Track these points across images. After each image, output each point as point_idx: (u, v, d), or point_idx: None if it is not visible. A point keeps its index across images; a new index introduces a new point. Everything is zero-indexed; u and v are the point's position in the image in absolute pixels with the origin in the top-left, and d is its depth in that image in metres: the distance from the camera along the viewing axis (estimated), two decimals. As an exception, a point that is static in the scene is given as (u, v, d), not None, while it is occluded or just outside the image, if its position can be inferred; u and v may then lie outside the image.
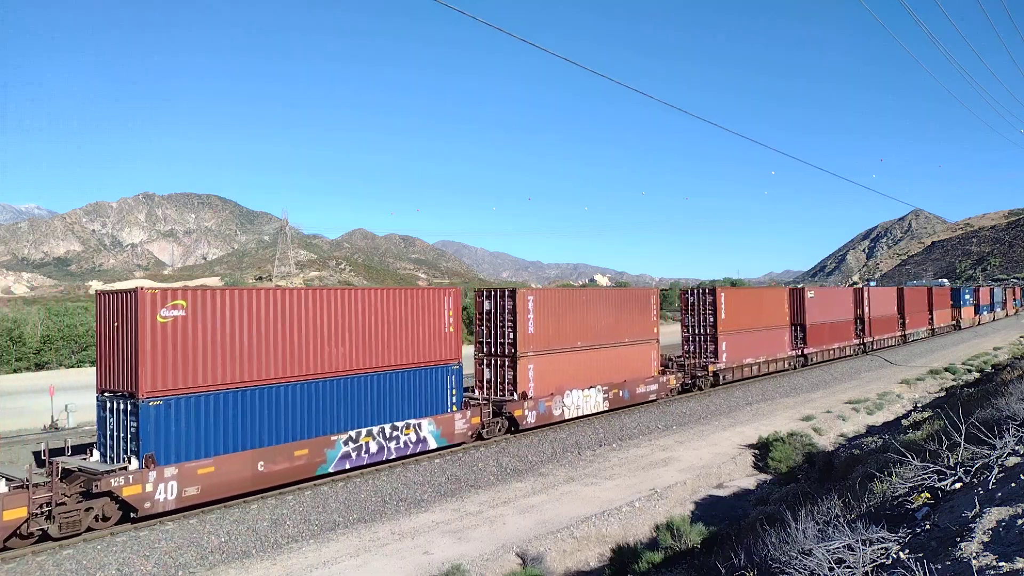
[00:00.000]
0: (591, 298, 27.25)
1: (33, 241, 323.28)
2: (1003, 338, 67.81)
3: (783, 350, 40.22)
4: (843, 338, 48.01)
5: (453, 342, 21.67)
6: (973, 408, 15.10)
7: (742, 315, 35.90)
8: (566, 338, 25.37)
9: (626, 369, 28.35)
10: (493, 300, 24.31)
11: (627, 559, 14.49)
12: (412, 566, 14.53)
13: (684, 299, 35.50)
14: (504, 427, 23.49)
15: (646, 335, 29.74)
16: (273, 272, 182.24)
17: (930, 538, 6.93)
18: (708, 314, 34.48)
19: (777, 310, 39.72)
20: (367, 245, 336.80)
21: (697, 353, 34.36)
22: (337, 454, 18.17)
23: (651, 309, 30.16)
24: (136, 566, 13.83)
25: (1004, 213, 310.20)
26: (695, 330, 34.85)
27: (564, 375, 25.19)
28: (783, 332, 40.19)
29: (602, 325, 27.15)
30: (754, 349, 37.06)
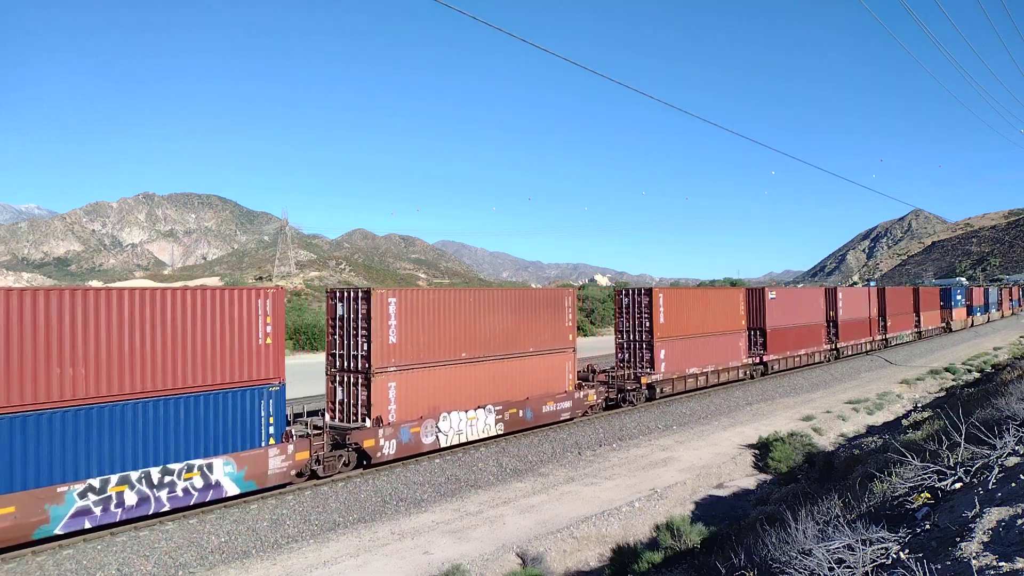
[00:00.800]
0: (482, 300, 22.89)
1: (33, 241, 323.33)
2: (1003, 338, 67.82)
3: (737, 358, 35.92)
4: (811, 343, 43.59)
5: (272, 356, 17.11)
6: (973, 408, 15.10)
7: (685, 319, 31.91)
8: (444, 349, 21.12)
9: (530, 385, 24.19)
10: (346, 303, 20.08)
11: (627, 559, 14.50)
12: (412, 566, 14.53)
13: (618, 301, 31.47)
14: (352, 461, 19.30)
15: (559, 343, 25.49)
16: (273, 272, 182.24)
17: (930, 538, 6.93)
18: (644, 318, 30.17)
19: (731, 313, 35.53)
20: (367, 245, 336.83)
21: (632, 362, 30.41)
22: (68, 511, 13.61)
23: (566, 312, 25.89)
24: (136, 566, 13.84)
25: (1004, 213, 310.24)
26: (629, 336, 30.70)
27: (440, 394, 21.03)
28: (738, 337, 35.91)
29: (497, 332, 22.96)
30: (700, 357, 32.81)
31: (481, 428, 22.18)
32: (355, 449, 19.03)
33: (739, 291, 37.33)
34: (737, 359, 35.97)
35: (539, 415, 24.37)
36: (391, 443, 19.51)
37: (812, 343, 43.68)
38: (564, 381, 25.85)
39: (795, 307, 41.90)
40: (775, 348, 39.22)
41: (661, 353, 30.29)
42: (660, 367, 30.22)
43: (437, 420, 20.85)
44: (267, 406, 17.01)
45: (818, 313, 44.72)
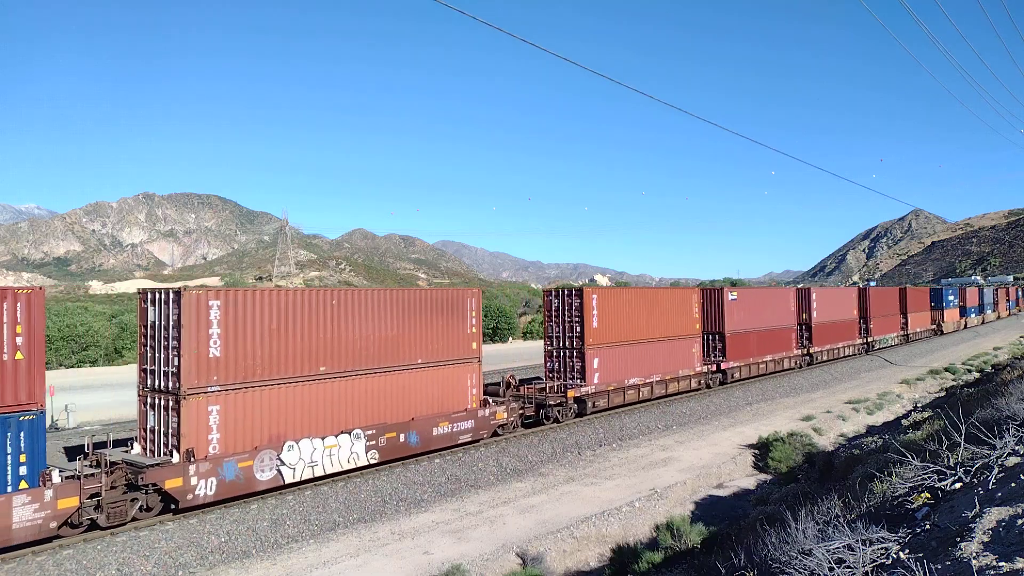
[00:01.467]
0: (351, 303, 19.06)
1: (33, 241, 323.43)
2: (1003, 338, 67.83)
3: (690, 365, 32.38)
4: (779, 348, 39.89)
5: (25, 376, 13.99)
6: (973, 408, 15.10)
7: (625, 322, 28.56)
8: (294, 363, 17.58)
9: (419, 403, 20.77)
10: (158, 306, 16.43)
11: (627, 559, 14.50)
12: (412, 566, 14.53)
13: (547, 302, 28.03)
14: (154, 505, 15.66)
15: (459, 353, 21.98)
16: (273, 272, 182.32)
17: (930, 538, 6.93)
18: (574, 322, 26.78)
19: (682, 316, 32.06)
20: (367, 245, 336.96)
21: (561, 372, 27.06)
22: None
23: (468, 317, 22.45)
24: (136, 566, 13.84)
25: (1004, 213, 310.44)
26: (559, 343, 27.14)
27: (287, 419, 17.38)
28: (690, 343, 32.41)
29: (374, 342, 19.52)
30: (643, 366, 29.40)
31: (346, 458, 18.53)
32: (156, 491, 15.39)
33: (692, 291, 33.88)
34: (689, 367, 32.26)
35: (428, 439, 20.73)
36: (209, 482, 15.72)
37: (780, 348, 39.89)
38: (465, 397, 22.28)
39: (760, 309, 38.26)
40: (736, 354, 35.55)
41: (594, 362, 26.79)
42: (593, 378, 26.74)
43: (280, 451, 17.05)
44: (16, 440, 13.63)
45: (788, 315, 41.09)
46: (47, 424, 25.78)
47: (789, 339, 41.08)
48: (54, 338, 54.65)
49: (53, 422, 25.86)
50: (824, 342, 45.05)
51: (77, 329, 56.02)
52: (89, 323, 58.09)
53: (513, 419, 24.08)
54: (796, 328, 41.98)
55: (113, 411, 29.92)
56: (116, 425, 25.32)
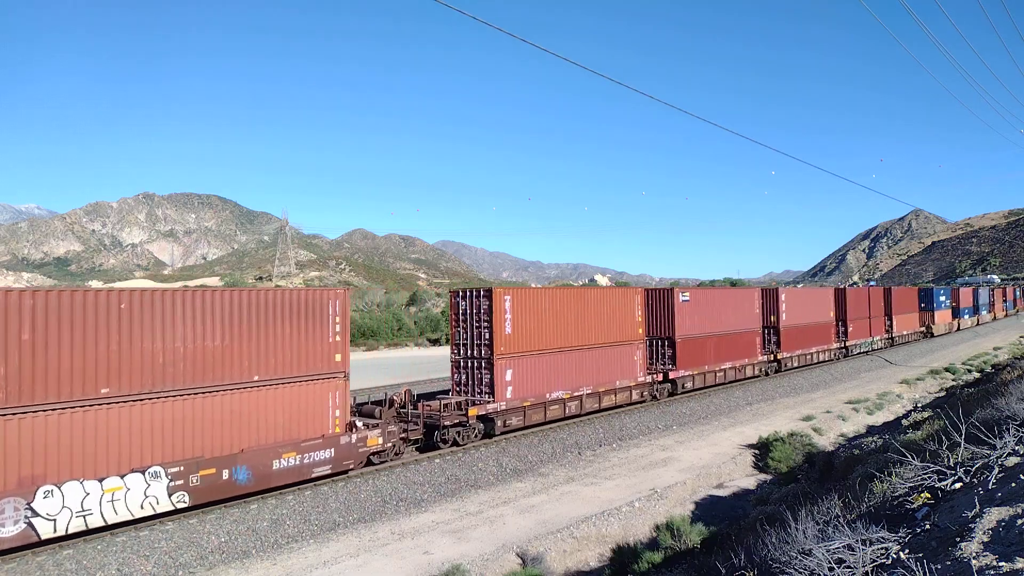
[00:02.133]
0: (147, 306, 15.20)
1: (33, 241, 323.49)
2: (1003, 338, 67.84)
3: (631, 375, 28.55)
4: (741, 355, 36.20)
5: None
6: (973, 408, 15.10)
7: (548, 327, 24.78)
8: (57, 384, 13.73)
9: (256, 429, 16.83)
10: None
11: (627, 559, 14.50)
12: (412, 566, 14.54)
13: (453, 305, 24.25)
14: None
15: (316, 367, 18.04)
16: (273, 272, 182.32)
17: (930, 538, 6.93)
18: (483, 328, 23.11)
19: (623, 320, 28.30)
20: (367, 245, 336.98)
21: (469, 386, 23.54)
22: None
23: (329, 323, 18.43)
24: (136, 566, 13.84)
25: (1004, 213, 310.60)
26: (467, 352, 23.64)
27: (47, 456, 13.53)
28: (632, 350, 28.68)
29: (187, 356, 15.69)
30: (569, 378, 25.64)
31: (138, 503, 14.54)
32: None
33: (635, 292, 29.80)
34: (630, 377, 28.57)
35: (266, 475, 16.72)
36: None
37: (742, 354, 36.26)
38: (324, 421, 18.26)
39: (718, 311, 34.72)
40: (687, 361, 31.99)
41: (506, 374, 23.13)
42: (504, 393, 23.03)
43: (31, 498, 13.18)
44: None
45: (751, 318, 37.26)
46: None
47: (753, 344, 37.15)
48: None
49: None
50: (794, 347, 41.43)
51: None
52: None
53: (393, 444, 20.21)
54: (761, 332, 38.15)
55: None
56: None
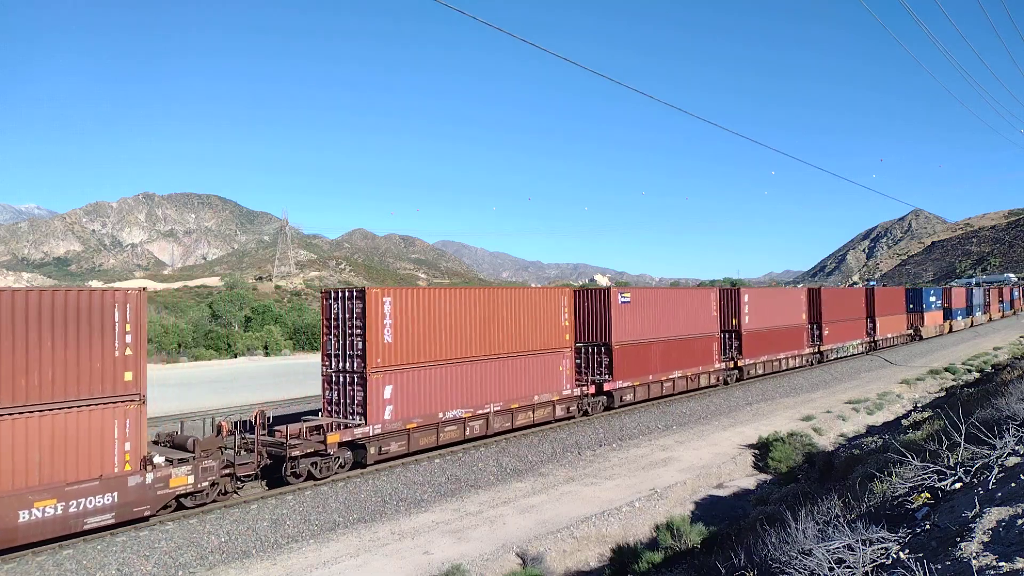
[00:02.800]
0: None
1: (33, 241, 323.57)
2: (1003, 338, 67.85)
3: (553, 388, 24.89)
4: (695, 362, 32.62)
5: None
6: (973, 408, 15.10)
7: (442, 334, 20.98)
8: None
9: None
10: None
11: (627, 559, 14.50)
12: (412, 566, 14.53)
13: (325, 307, 20.56)
14: None
15: (93, 390, 14.21)
16: (273, 272, 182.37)
17: (930, 538, 6.93)
18: (356, 336, 19.38)
19: (543, 324, 24.64)
20: (367, 245, 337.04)
21: (341, 405, 19.71)
22: None
23: (111, 334, 14.60)
24: (136, 566, 13.84)
25: (1004, 213, 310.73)
26: (338, 364, 19.84)
27: None
28: (556, 360, 25.01)
29: None
30: (472, 393, 21.86)
31: None
32: None
33: (561, 292, 26.19)
34: (554, 389, 24.95)
35: (7, 530, 12.85)
36: None
37: (696, 362, 32.71)
38: (107, 457, 14.37)
39: (667, 314, 31.09)
40: (627, 371, 28.32)
41: (384, 391, 19.37)
42: (380, 413, 19.22)
43: None
44: None
45: (708, 322, 33.75)
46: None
47: (709, 350, 33.73)
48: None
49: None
50: (759, 353, 37.87)
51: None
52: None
53: (213, 483, 16.37)
54: (719, 337, 34.66)
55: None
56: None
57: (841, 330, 47.52)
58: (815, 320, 44.60)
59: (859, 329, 50.98)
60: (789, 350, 41.20)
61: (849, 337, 49.05)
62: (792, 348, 41.50)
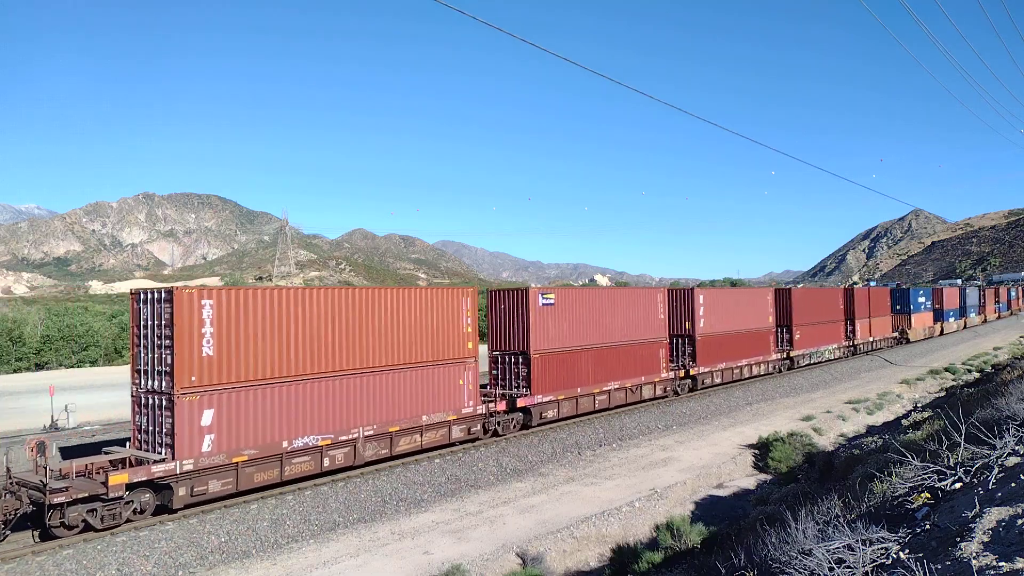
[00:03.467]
0: None
1: (33, 241, 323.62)
2: (1003, 338, 67.85)
3: (451, 407, 21.48)
4: (638, 371, 29.01)
5: None
6: (973, 408, 15.10)
7: (289, 345, 17.36)
8: None
9: None
10: None
11: (627, 559, 14.50)
12: (412, 566, 14.54)
13: (135, 312, 16.69)
14: None
15: None
16: (273, 272, 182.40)
17: (930, 538, 6.94)
18: (165, 348, 15.72)
19: (438, 330, 21.19)
20: (367, 245, 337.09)
21: (150, 433, 16.14)
22: None
23: None
24: (136, 566, 13.84)
25: (1004, 213, 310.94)
26: (149, 383, 16.16)
27: None
28: (453, 373, 21.58)
29: None
30: (331, 417, 18.25)
31: None
32: None
33: (464, 293, 22.42)
34: (451, 408, 21.49)
35: None
36: None
37: (638, 371, 29.12)
38: None
39: (600, 318, 27.38)
40: (549, 384, 24.86)
41: (201, 416, 15.62)
42: (195, 445, 15.54)
43: None
44: None
45: (655, 326, 30.23)
46: (48, 423, 25.83)
47: (655, 358, 30.23)
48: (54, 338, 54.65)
49: (54, 422, 25.89)
50: (716, 359, 34.37)
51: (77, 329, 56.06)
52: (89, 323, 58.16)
53: None
54: (668, 343, 31.34)
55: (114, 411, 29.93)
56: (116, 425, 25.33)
57: (814, 333, 44.11)
58: (784, 323, 41.20)
59: (835, 332, 47.38)
60: (753, 356, 37.49)
61: (824, 341, 45.44)
62: (756, 354, 37.88)
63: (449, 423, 21.46)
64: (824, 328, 45.60)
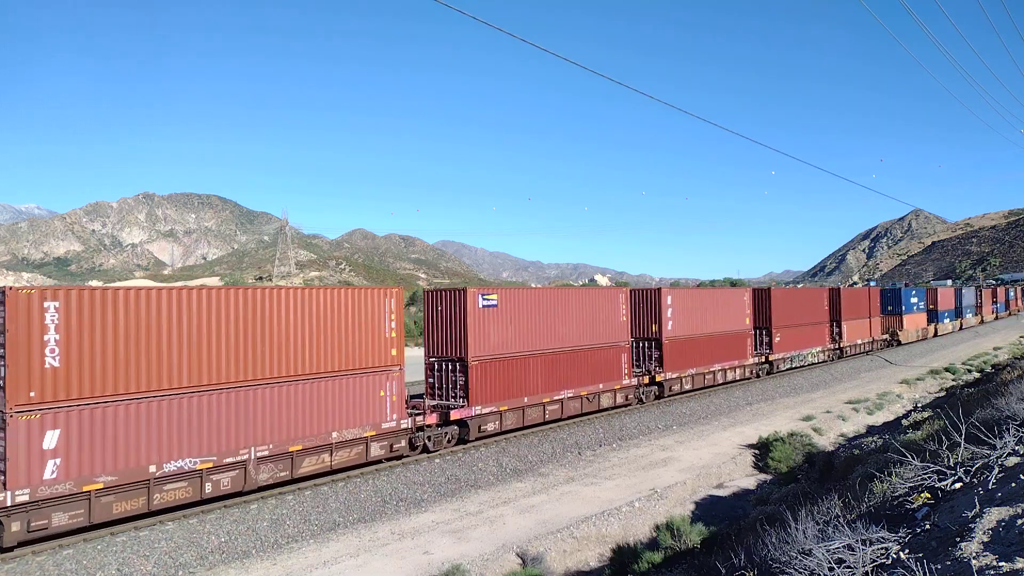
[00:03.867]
0: None
1: (33, 241, 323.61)
2: (1003, 338, 67.84)
3: (370, 421, 19.10)
4: (595, 379, 26.70)
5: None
6: (973, 408, 15.10)
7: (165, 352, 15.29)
8: None
9: None
10: None
11: (627, 559, 14.50)
12: (412, 566, 14.54)
13: None
14: None
15: None
16: (273, 272, 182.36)
17: (930, 538, 6.93)
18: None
19: (352, 334, 18.85)
20: (367, 245, 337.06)
21: None
22: None
23: None
24: (136, 566, 13.84)
25: (1004, 213, 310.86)
26: None
27: None
28: (375, 382, 19.29)
29: None
30: (219, 436, 16.07)
31: None
32: None
33: (386, 293, 20.01)
34: (372, 422, 19.14)
35: None
36: None
37: (596, 378, 26.81)
38: None
39: (552, 321, 25.06)
40: (490, 393, 22.61)
41: (43, 439, 13.49)
42: (34, 472, 13.35)
43: None
44: None
45: (615, 329, 27.87)
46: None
47: (615, 363, 27.80)
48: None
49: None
50: (686, 364, 32.06)
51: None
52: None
53: None
54: (630, 347, 28.88)
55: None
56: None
57: (796, 336, 41.64)
58: (762, 325, 38.91)
59: (820, 335, 44.70)
60: (727, 360, 35.33)
61: (807, 344, 42.91)
62: (732, 358, 35.69)
63: (366, 440, 19.05)
64: (808, 330, 43.06)
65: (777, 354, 39.67)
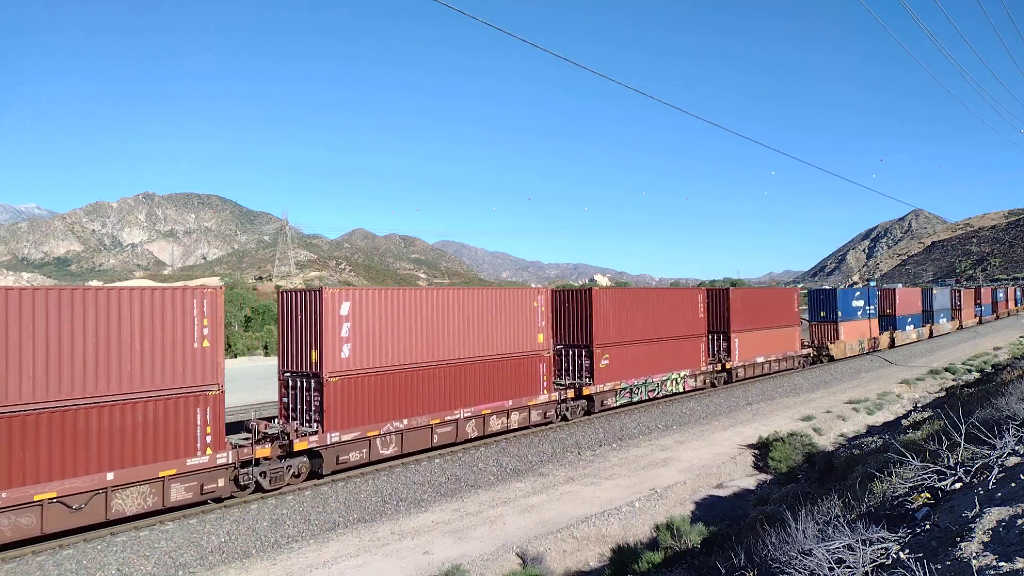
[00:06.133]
0: None
1: (33, 241, 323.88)
2: (1003, 338, 67.84)
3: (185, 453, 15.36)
4: (505, 394, 23.10)
5: None
6: (973, 408, 15.10)
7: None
8: None
9: None
10: None
11: (627, 559, 14.50)
12: (412, 566, 14.54)
13: None
14: None
15: None
16: (273, 272, 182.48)
17: (930, 538, 6.94)
18: None
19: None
20: (367, 245, 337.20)
21: None
22: None
23: None
24: (136, 566, 13.85)
25: (1004, 213, 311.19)
26: None
27: None
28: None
29: None
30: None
31: None
32: None
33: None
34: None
35: None
36: None
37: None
38: None
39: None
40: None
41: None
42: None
43: None
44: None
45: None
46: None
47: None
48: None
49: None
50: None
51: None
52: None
53: None
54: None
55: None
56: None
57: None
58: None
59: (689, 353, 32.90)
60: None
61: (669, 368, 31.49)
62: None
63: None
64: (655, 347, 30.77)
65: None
